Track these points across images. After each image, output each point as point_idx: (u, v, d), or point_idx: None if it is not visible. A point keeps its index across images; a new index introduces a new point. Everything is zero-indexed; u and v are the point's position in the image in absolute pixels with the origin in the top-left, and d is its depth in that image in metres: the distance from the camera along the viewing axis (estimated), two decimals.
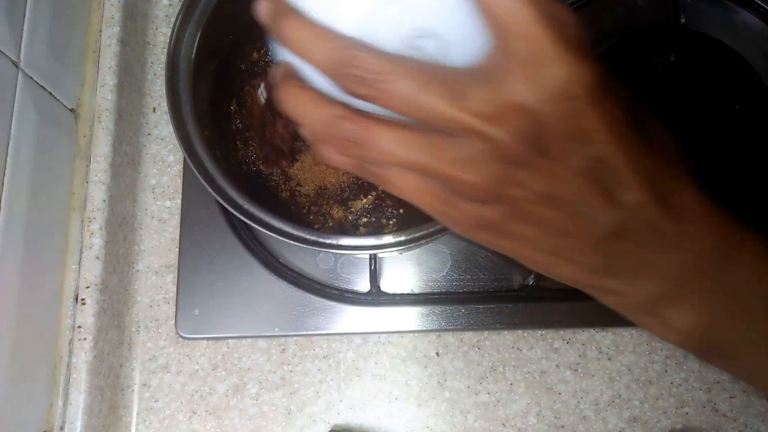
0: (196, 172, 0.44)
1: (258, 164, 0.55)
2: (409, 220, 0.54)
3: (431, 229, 0.43)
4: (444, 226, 0.42)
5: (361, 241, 0.43)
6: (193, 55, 0.47)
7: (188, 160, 0.44)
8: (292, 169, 0.55)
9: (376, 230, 0.54)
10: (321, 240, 0.43)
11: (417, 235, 0.43)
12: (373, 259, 0.53)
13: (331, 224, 0.54)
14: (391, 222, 0.55)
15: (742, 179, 0.55)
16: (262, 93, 0.50)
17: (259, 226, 0.43)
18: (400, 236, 0.43)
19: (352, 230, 0.54)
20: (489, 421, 0.53)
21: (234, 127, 0.56)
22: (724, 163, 0.53)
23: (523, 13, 0.19)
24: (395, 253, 0.57)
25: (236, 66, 0.56)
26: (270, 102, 0.50)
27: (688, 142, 0.53)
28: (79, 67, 0.57)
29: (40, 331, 0.49)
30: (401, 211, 0.55)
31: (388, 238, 0.43)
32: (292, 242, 0.43)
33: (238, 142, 0.56)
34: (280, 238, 0.43)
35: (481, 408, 0.53)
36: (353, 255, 0.56)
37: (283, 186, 0.55)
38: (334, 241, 0.43)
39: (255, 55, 0.57)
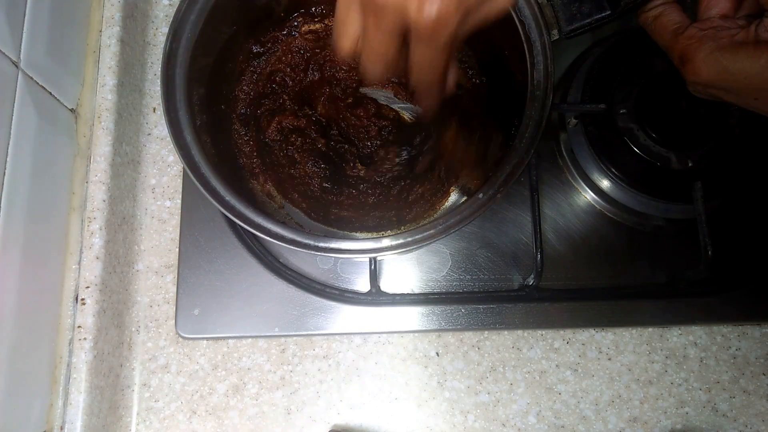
0: (197, 184, 0.44)
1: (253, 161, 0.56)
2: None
3: (429, 232, 0.43)
4: (444, 228, 0.42)
5: (360, 245, 0.43)
6: (189, 55, 0.47)
7: (189, 171, 0.44)
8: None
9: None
10: (321, 245, 0.43)
11: (415, 237, 0.43)
12: (373, 259, 0.53)
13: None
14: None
15: (742, 179, 0.55)
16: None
17: (261, 233, 0.43)
18: (398, 239, 0.43)
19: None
20: (489, 421, 0.53)
21: (232, 127, 0.56)
22: (724, 162, 0.53)
23: None
24: (395, 255, 0.57)
25: (231, 69, 0.56)
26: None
27: (688, 142, 0.53)
28: (79, 67, 0.57)
29: (40, 331, 0.49)
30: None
31: (387, 242, 0.43)
32: (292, 247, 0.43)
33: (236, 144, 0.56)
34: (282, 244, 0.43)
35: (481, 408, 0.53)
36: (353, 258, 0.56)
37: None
38: (334, 245, 0.43)
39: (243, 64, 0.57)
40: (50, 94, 0.52)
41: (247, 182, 0.56)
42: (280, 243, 0.43)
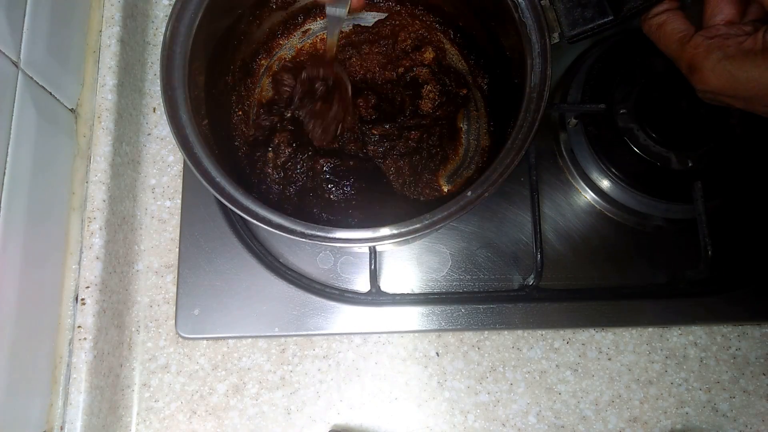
0: (190, 164, 0.44)
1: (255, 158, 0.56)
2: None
3: (415, 226, 0.43)
4: (430, 224, 0.42)
5: (357, 234, 0.43)
6: (188, 51, 0.47)
7: (181, 149, 0.44)
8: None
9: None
10: (318, 234, 0.43)
11: (401, 231, 0.43)
12: (373, 258, 0.53)
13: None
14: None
15: (742, 179, 0.55)
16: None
17: (256, 220, 0.43)
18: (394, 229, 0.43)
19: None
20: (489, 421, 0.53)
21: (231, 119, 0.56)
22: (724, 162, 0.53)
23: None
24: (393, 246, 0.57)
25: (230, 63, 0.56)
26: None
27: (688, 142, 0.53)
28: (79, 67, 0.57)
29: (40, 331, 0.49)
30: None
31: (385, 231, 0.43)
32: (288, 235, 0.42)
33: (234, 134, 0.56)
34: (278, 232, 0.43)
35: (481, 408, 0.53)
36: (350, 248, 0.56)
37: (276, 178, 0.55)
38: (330, 234, 0.43)
39: (246, 51, 0.57)
40: (50, 94, 0.52)
41: (242, 167, 0.56)
42: (266, 227, 0.43)
